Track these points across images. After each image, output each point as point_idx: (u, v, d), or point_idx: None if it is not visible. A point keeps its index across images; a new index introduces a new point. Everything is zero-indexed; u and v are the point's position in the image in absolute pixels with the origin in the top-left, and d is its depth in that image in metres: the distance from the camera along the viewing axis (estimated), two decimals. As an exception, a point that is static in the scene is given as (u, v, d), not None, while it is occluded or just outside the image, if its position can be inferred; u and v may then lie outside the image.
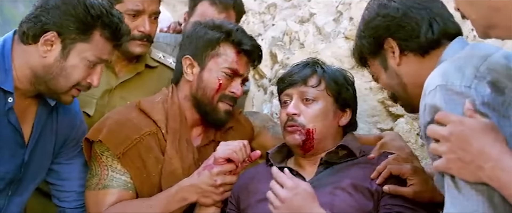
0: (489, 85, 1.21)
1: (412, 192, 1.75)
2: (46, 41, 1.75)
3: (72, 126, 2.03)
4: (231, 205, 2.01)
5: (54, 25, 1.75)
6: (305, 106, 1.95)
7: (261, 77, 3.28)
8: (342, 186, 1.82)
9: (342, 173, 1.88)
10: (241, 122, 2.22)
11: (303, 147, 1.95)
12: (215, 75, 2.05)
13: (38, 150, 1.91)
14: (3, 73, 1.75)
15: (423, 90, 1.32)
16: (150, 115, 2.05)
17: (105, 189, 1.98)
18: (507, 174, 1.11)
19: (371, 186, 1.81)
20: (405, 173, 1.78)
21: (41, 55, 1.76)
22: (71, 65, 1.78)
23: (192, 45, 2.09)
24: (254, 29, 3.67)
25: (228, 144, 1.95)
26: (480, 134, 1.15)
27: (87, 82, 1.84)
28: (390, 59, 1.63)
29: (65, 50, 1.76)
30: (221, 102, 2.06)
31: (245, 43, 2.07)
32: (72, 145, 2.05)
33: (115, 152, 1.98)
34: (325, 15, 2.90)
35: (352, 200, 1.79)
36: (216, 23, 2.12)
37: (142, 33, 2.35)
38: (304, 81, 1.97)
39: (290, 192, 1.66)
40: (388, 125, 2.38)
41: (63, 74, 1.78)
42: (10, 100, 1.77)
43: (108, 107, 2.35)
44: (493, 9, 1.16)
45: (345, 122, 2.00)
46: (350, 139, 1.98)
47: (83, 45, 1.77)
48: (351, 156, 1.94)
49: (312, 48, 2.80)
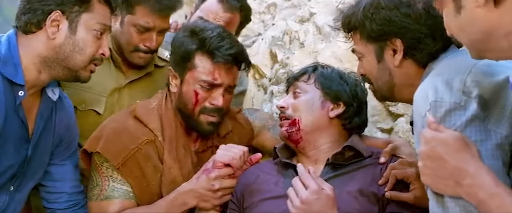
0: (476, 100, 1.21)
1: (413, 197, 1.73)
2: (52, 22, 1.79)
3: (68, 126, 2.04)
4: (233, 204, 2.00)
5: (55, 5, 1.79)
6: (294, 100, 2.00)
7: (261, 77, 3.28)
8: (348, 190, 1.81)
9: (349, 176, 1.87)
10: (241, 122, 2.21)
11: (290, 138, 1.96)
12: (192, 88, 1.98)
13: (40, 146, 1.93)
14: (13, 67, 1.78)
15: (414, 106, 1.33)
16: (145, 124, 2.02)
17: (107, 200, 1.98)
18: (484, 191, 1.12)
19: (378, 190, 1.80)
20: (409, 177, 1.76)
21: (49, 37, 1.79)
22: (81, 38, 1.82)
23: (173, 56, 2.05)
24: (254, 28, 3.67)
25: (228, 148, 1.94)
26: (455, 150, 1.16)
27: (100, 54, 1.87)
28: (388, 56, 1.59)
29: (73, 24, 1.81)
30: (202, 115, 2.00)
31: (220, 52, 1.94)
32: (65, 146, 2.06)
33: (114, 163, 1.96)
34: (325, 14, 2.90)
35: (357, 205, 1.78)
36: (194, 29, 2.00)
37: (148, 48, 2.35)
38: (296, 79, 2.03)
39: (312, 195, 1.64)
40: (388, 124, 2.38)
41: (77, 50, 1.82)
42: (21, 93, 1.79)
43: (117, 105, 2.36)
44: (486, 33, 1.15)
45: (336, 113, 1.97)
46: (356, 140, 1.97)
47: (86, 15, 1.82)
48: (358, 157, 1.93)
49: (312, 48, 2.81)
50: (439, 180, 1.19)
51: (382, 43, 1.58)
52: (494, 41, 1.15)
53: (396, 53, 1.57)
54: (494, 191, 1.11)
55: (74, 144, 2.08)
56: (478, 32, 1.16)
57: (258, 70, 3.21)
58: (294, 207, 1.66)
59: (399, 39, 1.54)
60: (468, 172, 1.14)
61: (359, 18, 1.60)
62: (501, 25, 1.12)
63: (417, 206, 1.73)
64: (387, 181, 1.80)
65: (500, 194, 1.11)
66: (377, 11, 1.56)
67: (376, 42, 1.59)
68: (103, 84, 2.36)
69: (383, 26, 1.55)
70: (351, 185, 1.82)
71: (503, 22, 1.12)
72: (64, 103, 2.04)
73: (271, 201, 1.87)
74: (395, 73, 1.58)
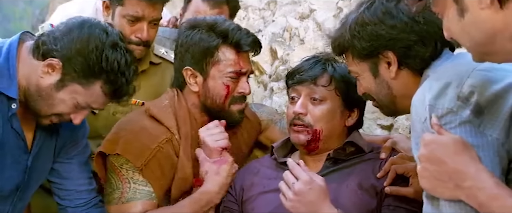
0: (470, 107, 1.20)
1: (413, 191, 1.73)
2: (49, 64, 1.72)
3: (72, 129, 2.02)
4: (231, 196, 2.01)
5: (62, 55, 1.71)
6: (312, 106, 1.92)
7: (261, 73, 3.28)
8: (348, 184, 1.82)
9: (349, 170, 1.87)
10: (248, 116, 2.19)
11: (307, 147, 1.93)
12: (220, 81, 1.99)
13: (41, 155, 1.91)
14: (7, 79, 1.74)
15: (412, 109, 1.32)
16: (162, 122, 2.01)
17: (128, 202, 1.97)
18: (485, 193, 1.12)
19: (377, 184, 1.81)
20: (410, 171, 1.76)
21: (39, 74, 1.74)
22: (60, 98, 1.74)
23: (189, 55, 2.00)
24: (254, 25, 3.66)
25: (212, 132, 1.98)
26: (454, 153, 1.16)
27: (69, 117, 1.80)
28: (382, 69, 1.58)
29: (61, 83, 1.73)
30: (233, 105, 2.02)
31: (244, 42, 1.98)
32: (71, 145, 2.04)
33: (136, 164, 1.94)
34: (325, 11, 2.90)
35: (356, 198, 1.79)
36: (209, 24, 2.00)
37: (139, 39, 2.33)
38: (313, 81, 1.92)
39: (305, 186, 1.66)
40: (388, 121, 2.38)
41: (49, 103, 1.75)
42: (13, 106, 1.75)
43: (113, 105, 2.34)
44: (490, 35, 1.14)
45: (352, 122, 1.96)
46: (357, 136, 1.97)
47: (79, 87, 1.74)
48: (359, 152, 1.93)
49: (312, 45, 2.81)
50: (438, 183, 1.18)
51: (375, 58, 1.58)
52: (498, 43, 1.14)
53: (391, 65, 1.56)
54: (495, 192, 1.11)
55: (82, 142, 2.03)
56: (482, 34, 1.15)
57: (258, 67, 3.21)
58: (288, 199, 1.67)
59: (390, 51, 1.54)
60: (468, 174, 1.14)
61: (347, 38, 1.60)
62: (507, 27, 1.11)
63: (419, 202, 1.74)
64: (386, 174, 1.81)
65: (501, 195, 1.10)
66: (363, 29, 1.56)
67: (368, 59, 1.59)
68: None
69: (372, 41, 1.55)
70: (351, 179, 1.83)
71: (509, 23, 1.10)
72: None
73: (270, 194, 1.88)
74: (393, 85, 1.58)
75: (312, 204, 1.65)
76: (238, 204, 1.99)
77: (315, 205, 1.65)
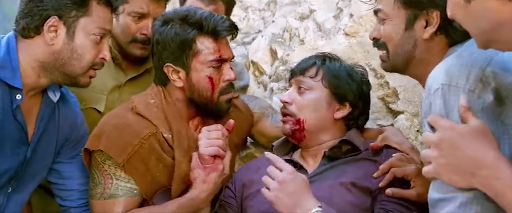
0: (493, 92, 1.16)
1: (416, 194, 1.73)
2: (50, 28, 1.76)
3: (73, 125, 2.03)
4: (230, 191, 2.02)
5: (52, 10, 1.75)
6: (299, 96, 1.97)
7: (261, 74, 3.28)
8: (342, 182, 1.83)
9: (344, 168, 1.89)
10: (240, 108, 2.20)
11: (293, 136, 1.97)
12: (203, 74, 1.97)
13: (40, 148, 1.92)
14: (11, 70, 1.76)
15: (426, 85, 1.28)
16: (149, 120, 2.00)
17: (111, 198, 1.97)
18: (502, 182, 1.08)
19: (372, 184, 1.81)
20: (409, 174, 1.76)
21: (48, 43, 1.77)
22: (80, 44, 1.78)
23: (167, 51, 1.97)
24: (254, 25, 3.67)
25: (208, 136, 1.95)
26: (472, 140, 1.12)
27: (100, 59, 1.84)
28: (418, 26, 1.52)
29: (70, 30, 1.77)
30: (222, 96, 2.01)
31: (220, 28, 1.95)
32: (72, 144, 2.05)
33: (118, 160, 1.94)
34: (325, 11, 2.90)
35: (350, 196, 1.80)
36: (181, 17, 1.97)
37: (145, 36, 2.34)
38: (302, 72, 1.98)
39: (289, 175, 1.68)
40: (388, 121, 2.38)
41: (75, 57, 1.79)
42: (18, 97, 1.78)
43: (118, 103, 2.34)
44: (496, 24, 1.12)
45: (341, 115, 1.97)
46: (353, 134, 1.98)
47: (85, 19, 1.78)
48: (355, 151, 1.94)
49: (312, 45, 2.80)
50: (452, 170, 1.13)
51: (418, 11, 1.51)
52: (504, 33, 1.12)
53: (428, 26, 1.50)
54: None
55: (83, 142, 2.05)
56: (488, 23, 1.13)
57: (258, 67, 3.21)
58: (272, 189, 1.68)
59: (438, 11, 1.48)
60: (485, 162, 1.10)
61: None
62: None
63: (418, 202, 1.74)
64: (382, 174, 1.80)
65: None
66: None
67: (411, 8, 1.52)
68: (103, 82, 2.36)
69: None
70: (345, 177, 1.85)
71: None
72: (69, 102, 2.03)
73: None
74: (420, 45, 1.53)
75: (295, 194, 1.66)
76: (237, 200, 2.01)
77: (298, 195, 1.65)
